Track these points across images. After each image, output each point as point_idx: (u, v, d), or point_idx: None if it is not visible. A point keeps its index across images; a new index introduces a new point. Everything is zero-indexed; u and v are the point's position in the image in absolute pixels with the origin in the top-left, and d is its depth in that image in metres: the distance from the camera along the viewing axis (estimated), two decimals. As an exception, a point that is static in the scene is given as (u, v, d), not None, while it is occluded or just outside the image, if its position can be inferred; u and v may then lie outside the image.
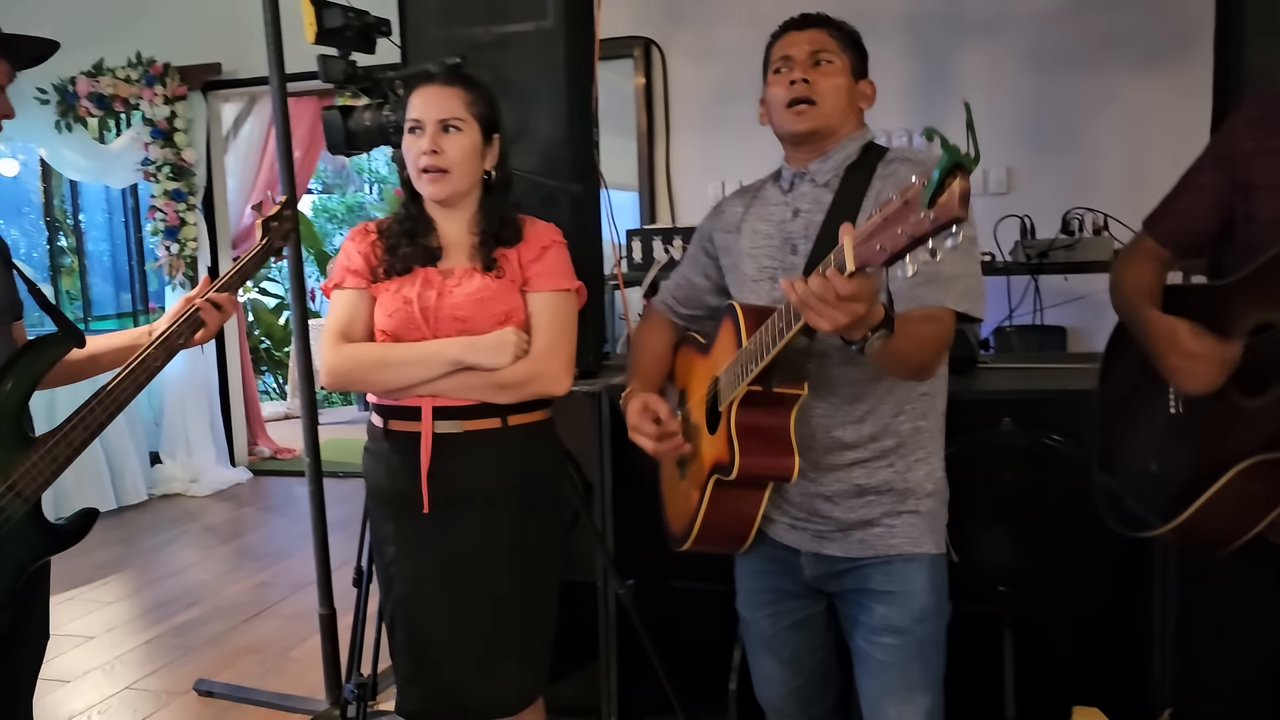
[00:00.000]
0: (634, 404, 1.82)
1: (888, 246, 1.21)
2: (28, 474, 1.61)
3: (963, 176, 1.12)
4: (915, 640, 1.71)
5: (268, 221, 1.99)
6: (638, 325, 2.04)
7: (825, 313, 1.33)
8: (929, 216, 1.14)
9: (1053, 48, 4.23)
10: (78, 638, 3.70)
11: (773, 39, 1.79)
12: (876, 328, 1.40)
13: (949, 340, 1.62)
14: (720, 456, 1.65)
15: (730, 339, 1.65)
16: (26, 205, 7.16)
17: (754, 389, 1.58)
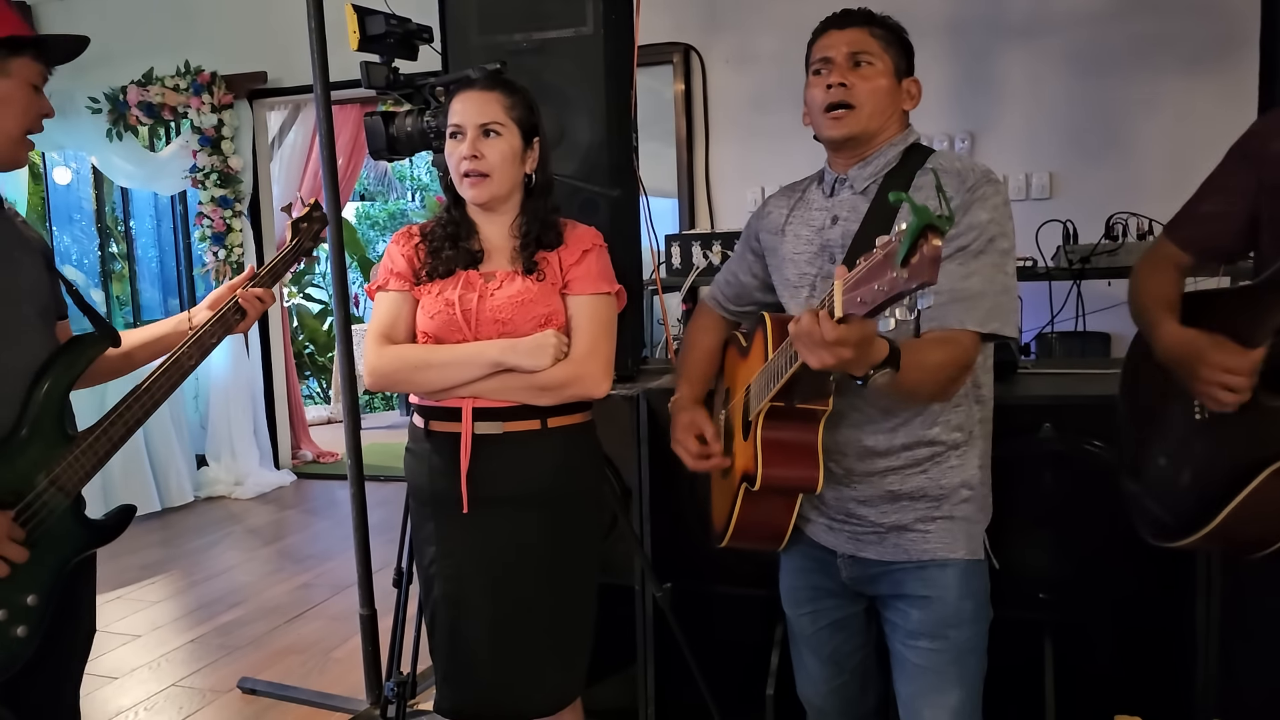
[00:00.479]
0: (682, 418, 1.84)
1: (867, 300, 1.20)
2: (68, 468, 1.65)
3: (935, 238, 1.09)
4: (951, 645, 1.70)
5: (297, 223, 2.04)
6: (689, 321, 2.05)
7: (815, 352, 1.32)
8: (902, 276, 1.13)
9: (1095, 51, 4.19)
10: (125, 636, 3.77)
11: (813, 37, 1.75)
12: (880, 365, 1.38)
13: (967, 363, 1.59)
14: (748, 466, 1.66)
15: (760, 350, 1.66)
16: (79, 212, 7.31)
17: (777, 404, 1.57)
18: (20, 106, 1.66)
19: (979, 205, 1.61)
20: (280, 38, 5.41)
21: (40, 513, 1.61)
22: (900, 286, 1.13)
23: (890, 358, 1.38)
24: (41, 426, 1.64)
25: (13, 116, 1.65)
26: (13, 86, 1.64)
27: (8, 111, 1.65)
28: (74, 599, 1.75)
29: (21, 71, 1.65)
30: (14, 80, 1.64)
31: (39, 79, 1.69)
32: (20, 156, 1.71)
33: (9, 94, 1.64)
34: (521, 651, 1.94)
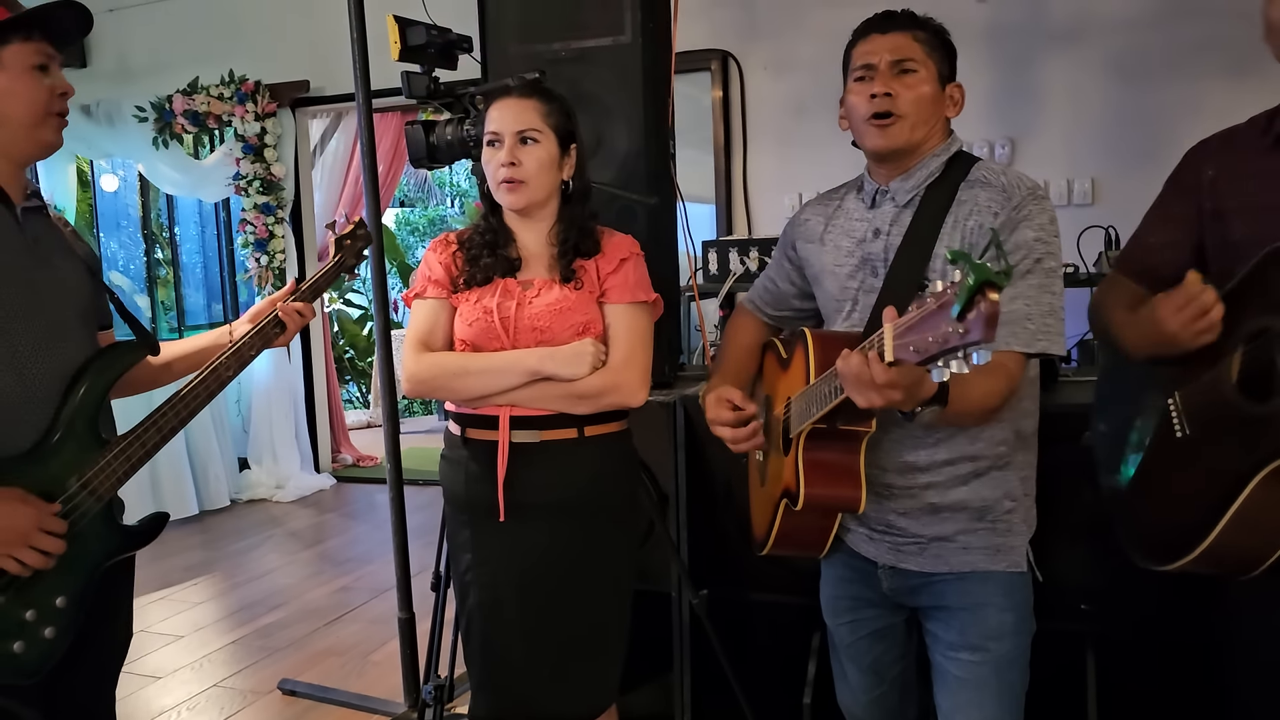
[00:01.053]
0: (710, 398, 1.82)
1: (920, 350, 1.16)
2: (101, 473, 1.65)
3: (993, 293, 1.05)
4: (992, 657, 1.68)
5: (340, 240, 2.05)
6: (728, 321, 2.04)
7: (862, 392, 1.32)
8: (959, 330, 1.09)
9: (1137, 56, 4.13)
10: (168, 636, 3.83)
11: (854, 39, 1.71)
12: (928, 401, 1.36)
13: (1014, 387, 1.58)
14: (789, 483, 1.64)
15: (801, 368, 1.63)
16: (125, 219, 7.45)
17: (819, 426, 1.55)
18: (25, 93, 1.62)
19: (1025, 224, 1.58)
20: (322, 47, 5.49)
21: (71, 515, 1.62)
22: (954, 342, 1.10)
23: (939, 394, 1.37)
24: (75, 430, 1.65)
25: (20, 105, 1.62)
26: (11, 76, 1.61)
27: (13, 101, 1.61)
28: (108, 603, 1.76)
29: (15, 59, 1.61)
30: (8, 70, 1.61)
31: (40, 58, 1.64)
32: (46, 139, 1.67)
33: (6, 86, 1.60)
34: (556, 659, 1.94)
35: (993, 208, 1.61)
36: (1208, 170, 1.66)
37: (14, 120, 1.63)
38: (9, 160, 1.66)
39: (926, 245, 1.62)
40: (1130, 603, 2.16)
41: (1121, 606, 2.17)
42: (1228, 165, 1.65)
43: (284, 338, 1.89)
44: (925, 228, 1.63)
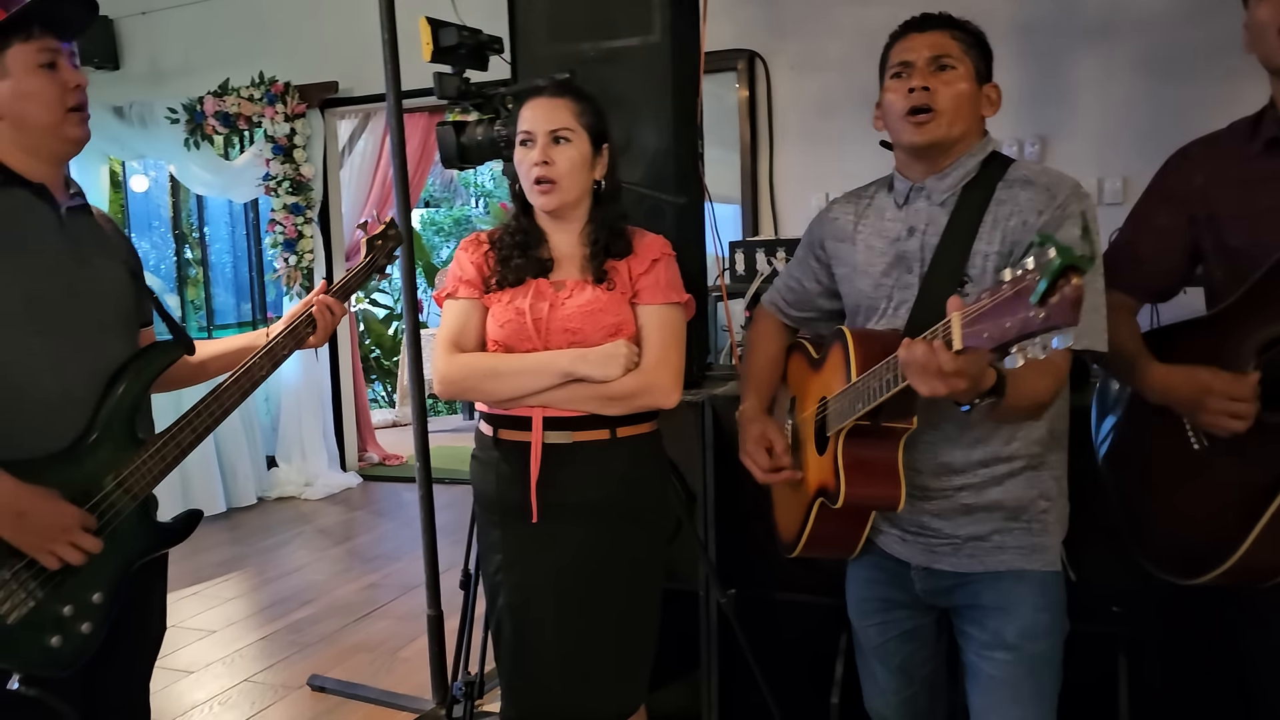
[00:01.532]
0: (753, 430, 1.83)
1: (994, 336, 1.17)
2: (137, 472, 1.67)
3: (1077, 278, 1.07)
4: (1027, 656, 1.68)
5: (372, 240, 2.06)
6: (749, 328, 2.04)
7: (927, 381, 1.32)
8: (1039, 315, 1.10)
9: (1169, 52, 4.09)
10: (200, 631, 3.87)
11: (892, 40, 1.72)
12: (987, 393, 1.37)
13: (1064, 383, 1.58)
14: (826, 482, 1.64)
15: (839, 367, 1.63)
16: (156, 219, 7.54)
17: (862, 423, 1.56)
18: (36, 93, 1.62)
19: (1070, 222, 1.58)
20: (351, 48, 5.53)
21: (107, 514, 1.64)
22: (1035, 326, 1.10)
23: (998, 385, 1.37)
24: (112, 429, 1.67)
25: (35, 105, 1.62)
26: (17, 78, 1.60)
27: (28, 103, 1.61)
28: (143, 599, 1.78)
29: (17, 59, 1.61)
30: (14, 75, 1.60)
31: (45, 56, 1.63)
32: (71, 135, 1.67)
33: (17, 87, 1.61)
34: (586, 661, 1.95)
35: (1036, 205, 1.60)
36: (1196, 178, 1.66)
37: (33, 122, 1.64)
38: (41, 160, 1.68)
39: (965, 244, 1.62)
40: (1163, 605, 2.14)
41: (1154, 609, 2.15)
42: (1217, 172, 1.64)
43: (316, 337, 1.90)
44: (963, 227, 1.63)
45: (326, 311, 1.90)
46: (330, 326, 1.91)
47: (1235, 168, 1.63)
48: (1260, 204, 1.58)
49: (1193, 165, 1.68)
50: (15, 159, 1.66)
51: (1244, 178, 1.61)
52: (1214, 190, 1.64)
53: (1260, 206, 1.58)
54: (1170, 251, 1.71)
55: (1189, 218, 1.68)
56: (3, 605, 1.55)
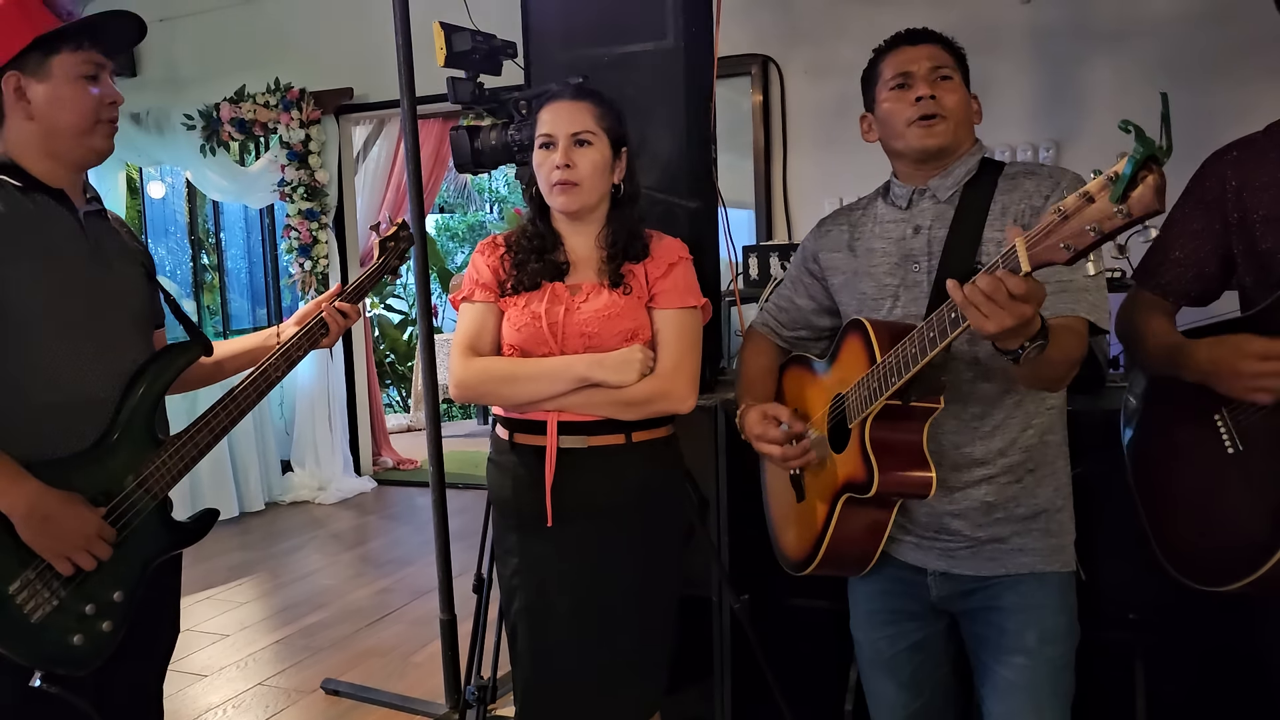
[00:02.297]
0: (752, 414, 1.82)
1: (1073, 244, 1.20)
2: (156, 471, 1.71)
3: (1158, 170, 1.10)
4: (1047, 660, 1.68)
5: (384, 242, 2.08)
6: (740, 348, 2.03)
7: (994, 314, 1.33)
8: (1122, 210, 1.13)
9: (1185, 56, 4.07)
10: (214, 635, 3.89)
11: (881, 54, 1.77)
12: (1034, 338, 1.39)
13: (1085, 351, 1.60)
14: (854, 474, 1.64)
15: (859, 355, 1.64)
16: (172, 225, 7.58)
17: (891, 403, 1.56)
18: (73, 102, 1.66)
19: None
20: (366, 55, 5.55)
21: (128, 513, 1.67)
22: (1120, 222, 1.14)
23: (1043, 329, 1.40)
24: (132, 430, 1.70)
25: (70, 113, 1.66)
26: (58, 85, 1.64)
27: (63, 111, 1.65)
28: (159, 598, 1.81)
29: (63, 67, 1.65)
30: (55, 80, 1.64)
31: (88, 68, 1.67)
32: (97, 146, 1.71)
33: (56, 93, 1.65)
34: (602, 665, 1.94)
35: (1043, 190, 1.66)
36: (1231, 180, 1.65)
37: (63, 128, 1.67)
38: (65, 166, 1.71)
39: (975, 232, 1.67)
40: (1179, 612, 2.13)
41: (1170, 616, 2.14)
42: (1251, 176, 1.64)
43: (329, 339, 1.92)
44: (972, 216, 1.68)
45: (338, 315, 1.92)
46: (342, 329, 1.94)
47: (1269, 171, 1.62)
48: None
49: (1228, 168, 1.67)
50: (38, 164, 1.68)
51: (1277, 180, 1.60)
52: (1247, 193, 1.63)
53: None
54: (1204, 255, 1.70)
55: (1223, 221, 1.67)
56: (27, 604, 1.58)
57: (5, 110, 1.66)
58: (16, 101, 1.65)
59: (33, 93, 1.65)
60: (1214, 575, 1.57)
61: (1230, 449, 1.57)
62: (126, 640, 1.70)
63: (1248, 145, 1.68)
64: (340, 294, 1.97)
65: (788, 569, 1.89)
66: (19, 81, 1.64)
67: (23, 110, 1.65)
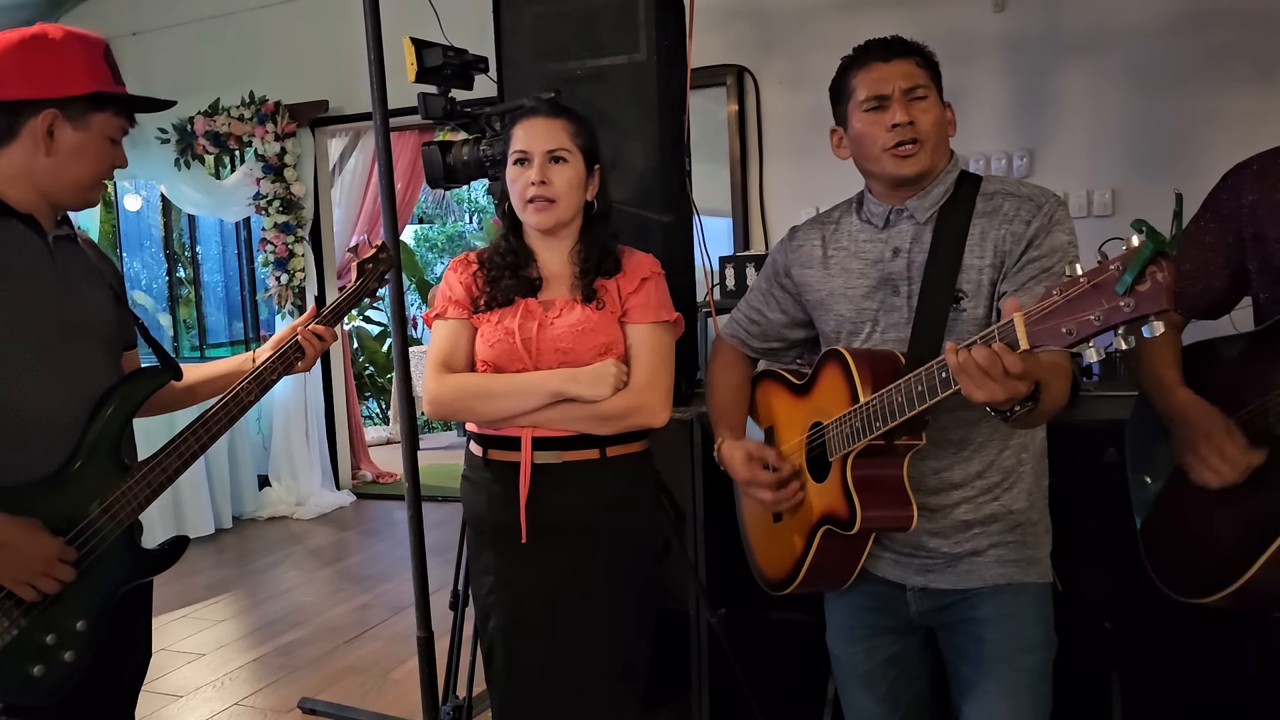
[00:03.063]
0: (737, 454, 1.79)
1: (1075, 331, 1.18)
2: (123, 498, 1.67)
3: (1168, 266, 1.08)
4: (1025, 670, 1.68)
5: (363, 264, 2.05)
6: (710, 360, 2.01)
7: (985, 386, 1.31)
8: (1128, 304, 1.11)
9: (1158, 64, 4.10)
10: (189, 654, 3.84)
11: (853, 68, 1.70)
12: (1025, 399, 1.38)
13: (1070, 390, 1.59)
14: (834, 509, 1.63)
15: (840, 388, 1.62)
16: (148, 239, 7.52)
17: (874, 443, 1.55)
18: (94, 158, 1.69)
19: (1057, 229, 1.61)
20: (341, 67, 5.53)
21: (92, 540, 1.64)
22: (1123, 316, 1.12)
23: (1034, 391, 1.38)
24: (97, 456, 1.67)
25: (86, 167, 1.68)
26: (89, 139, 1.67)
27: (81, 162, 1.68)
28: (127, 626, 1.77)
29: (101, 125, 1.68)
30: (92, 133, 1.67)
31: (118, 133, 1.72)
32: (91, 199, 1.74)
33: (84, 145, 1.67)
34: (579, 682, 1.93)
35: (1023, 215, 1.63)
36: (1248, 195, 1.64)
37: (74, 177, 1.68)
38: (47, 201, 1.70)
39: (955, 259, 1.63)
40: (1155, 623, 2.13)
41: (1146, 625, 2.14)
42: (1267, 191, 1.62)
43: (304, 363, 1.90)
44: (950, 242, 1.64)
45: (314, 338, 1.89)
46: (318, 353, 1.91)
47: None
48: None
49: (1245, 182, 1.66)
50: (21, 194, 1.67)
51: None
52: (1264, 209, 1.62)
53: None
54: (1214, 269, 1.69)
55: (1237, 235, 1.66)
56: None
57: (19, 136, 1.65)
58: (42, 136, 1.64)
59: (62, 135, 1.65)
60: (1194, 587, 1.57)
61: None
62: (95, 667, 1.66)
63: (1271, 158, 1.66)
64: (316, 316, 1.94)
65: (766, 588, 1.88)
66: (54, 120, 1.64)
67: (43, 146, 1.65)
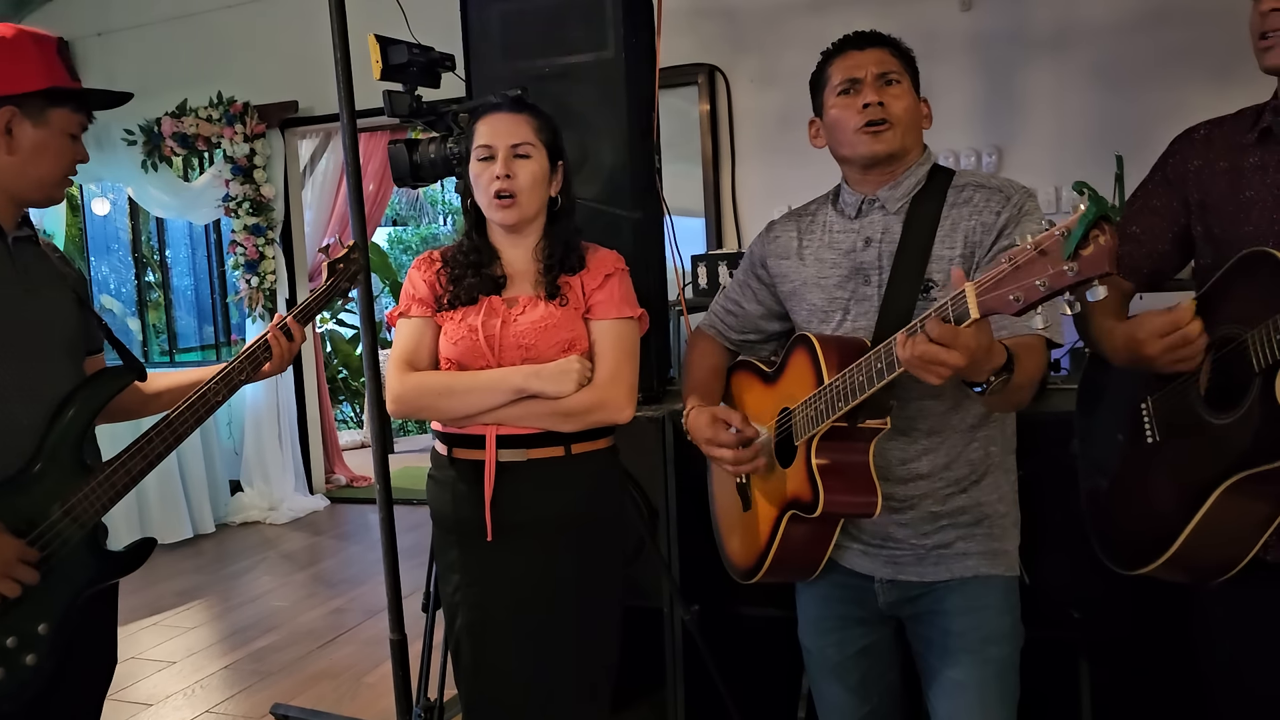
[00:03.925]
0: (702, 417, 1.79)
1: (1023, 297, 1.20)
2: (84, 500, 1.66)
3: (1110, 230, 1.10)
4: (992, 660, 1.69)
5: (334, 264, 2.04)
6: (687, 348, 2.02)
7: (933, 371, 1.34)
8: (1071, 269, 1.13)
9: (1122, 62, 4.15)
10: (160, 663, 3.80)
11: (829, 58, 1.74)
12: (999, 370, 1.39)
13: (1046, 370, 1.61)
14: (799, 493, 1.64)
15: (806, 372, 1.63)
16: (115, 243, 7.43)
17: (838, 425, 1.56)
18: (55, 154, 1.69)
19: (1027, 219, 1.63)
20: (311, 67, 5.47)
21: (54, 543, 1.62)
22: (1069, 280, 1.14)
23: (1009, 363, 1.40)
24: (58, 457, 1.65)
25: (48, 163, 1.68)
26: (49, 136, 1.67)
27: (43, 159, 1.67)
28: (92, 631, 1.75)
29: (59, 121, 1.68)
30: (51, 129, 1.67)
31: (77, 128, 1.72)
32: (55, 196, 1.74)
33: (45, 142, 1.67)
34: (547, 680, 1.92)
35: (993, 207, 1.65)
36: (1194, 161, 1.66)
37: (38, 174, 1.68)
38: (11, 200, 1.70)
39: (924, 248, 1.65)
40: (1122, 610, 2.15)
41: (1114, 614, 2.16)
42: (1212, 157, 1.65)
43: (273, 364, 1.88)
44: (921, 232, 1.66)
45: (281, 336, 1.88)
46: (287, 352, 1.89)
47: (1229, 155, 1.63)
48: (1244, 195, 1.58)
49: (1192, 148, 1.68)
50: None
51: (1235, 166, 1.61)
52: (1206, 175, 1.64)
53: (1244, 198, 1.58)
54: (1161, 233, 1.71)
55: (1183, 200, 1.67)
56: None
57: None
58: (1, 134, 1.64)
59: (21, 132, 1.65)
60: (1132, 558, 1.60)
61: (1150, 439, 1.60)
62: (59, 672, 1.65)
63: (1215, 126, 1.68)
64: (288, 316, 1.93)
65: (735, 576, 1.89)
66: (12, 117, 1.64)
67: (3, 144, 1.64)
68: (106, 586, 1.77)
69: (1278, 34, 1.53)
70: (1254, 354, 1.41)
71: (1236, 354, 1.46)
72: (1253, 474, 1.42)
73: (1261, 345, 1.40)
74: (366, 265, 2.92)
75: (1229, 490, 1.44)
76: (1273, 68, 1.56)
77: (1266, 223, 1.55)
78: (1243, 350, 1.44)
